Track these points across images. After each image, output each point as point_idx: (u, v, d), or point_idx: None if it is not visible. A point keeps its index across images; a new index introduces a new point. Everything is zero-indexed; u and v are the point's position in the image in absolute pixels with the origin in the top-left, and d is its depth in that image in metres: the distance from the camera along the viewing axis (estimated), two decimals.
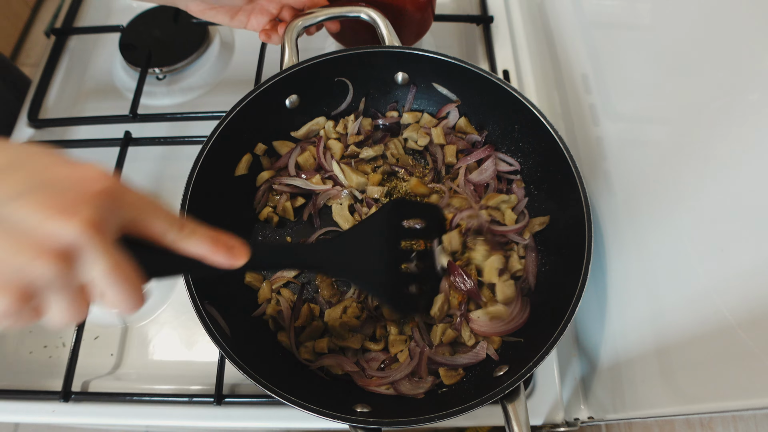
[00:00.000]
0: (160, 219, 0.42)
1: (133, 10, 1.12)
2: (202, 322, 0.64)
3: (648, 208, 0.64)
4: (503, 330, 0.74)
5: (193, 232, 0.44)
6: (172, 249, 0.43)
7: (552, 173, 0.78)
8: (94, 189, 0.37)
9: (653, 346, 0.62)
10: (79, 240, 0.35)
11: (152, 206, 0.42)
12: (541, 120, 0.76)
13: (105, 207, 0.37)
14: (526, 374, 0.61)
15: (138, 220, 0.41)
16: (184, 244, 0.43)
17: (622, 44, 0.71)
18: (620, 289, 0.71)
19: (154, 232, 0.42)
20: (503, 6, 1.13)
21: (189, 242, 0.43)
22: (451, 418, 0.60)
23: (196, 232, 0.44)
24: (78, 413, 0.76)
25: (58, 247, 0.34)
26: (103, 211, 0.37)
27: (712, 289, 0.51)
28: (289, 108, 0.85)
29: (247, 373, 0.61)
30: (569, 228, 0.74)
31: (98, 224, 0.36)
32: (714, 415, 0.59)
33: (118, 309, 0.40)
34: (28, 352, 0.84)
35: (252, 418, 0.76)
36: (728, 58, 0.49)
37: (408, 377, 0.72)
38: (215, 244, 0.45)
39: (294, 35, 0.81)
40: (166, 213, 0.42)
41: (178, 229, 0.43)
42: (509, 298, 0.74)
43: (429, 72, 0.86)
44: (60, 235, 0.34)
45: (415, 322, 0.75)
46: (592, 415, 0.78)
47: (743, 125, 0.47)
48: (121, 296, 0.39)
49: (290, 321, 0.75)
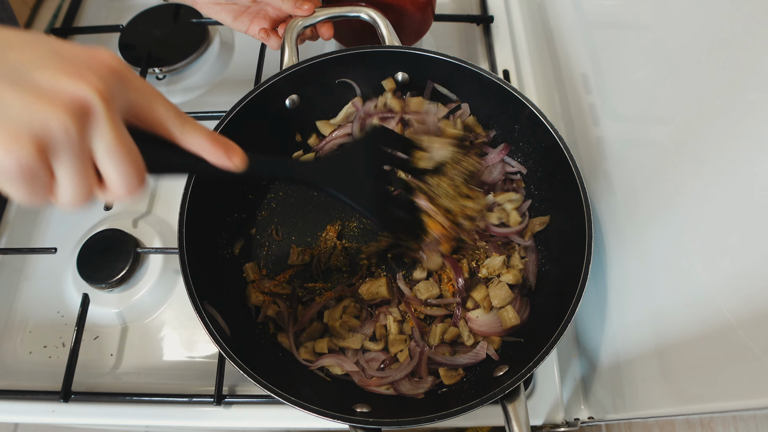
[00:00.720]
0: (163, 107, 0.43)
1: (133, 10, 1.12)
2: (202, 322, 0.64)
3: (648, 208, 0.64)
4: (502, 330, 0.74)
5: (193, 126, 0.45)
6: (172, 141, 0.44)
7: (552, 173, 0.78)
8: (105, 64, 0.39)
9: (653, 346, 0.62)
10: (90, 100, 0.37)
11: (156, 94, 0.43)
12: (542, 120, 0.76)
13: (114, 82, 0.39)
14: (526, 374, 0.61)
15: (143, 105, 0.42)
16: (185, 136, 0.45)
17: (622, 44, 0.71)
18: (620, 289, 0.71)
19: (157, 120, 0.43)
20: (503, 6, 1.13)
21: (190, 135, 0.45)
22: (451, 418, 0.60)
23: (197, 126, 0.45)
24: (78, 413, 0.76)
25: (71, 101, 0.36)
26: (112, 84, 0.39)
27: (712, 289, 0.51)
28: (289, 108, 0.85)
29: (247, 373, 0.61)
30: (570, 228, 0.74)
31: (108, 94, 0.38)
32: (714, 415, 0.59)
33: (118, 191, 0.41)
34: (28, 352, 0.84)
35: (252, 418, 0.76)
36: (728, 58, 0.49)
37: (408, 377, 0.72)
38: (214, 141, 0.46)
39: (294, 35, 0.81)
40: (168, 103, 0.44)
41: (179, 119, 0.44)
42: (504, 301, 0.75)
43: (429, 72, 0.86)
44: (74, 91, 0.36)
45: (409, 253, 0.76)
46: (592, 415, 0.78)
47: (743, 125, 0.47)
48: (122, 173, 0.40)
49: (289, 322, 0.75)
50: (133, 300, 0.84)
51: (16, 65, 0.36)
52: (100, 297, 0.84)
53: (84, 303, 0.82)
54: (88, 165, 0.39)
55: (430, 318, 0.78)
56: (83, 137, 0.37)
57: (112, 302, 0.84)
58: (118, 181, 0.40)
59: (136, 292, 0.84)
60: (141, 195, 0.42)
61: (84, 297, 0.82)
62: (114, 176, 0.40)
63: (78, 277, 0.83)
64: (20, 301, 0.87)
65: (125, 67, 0.41)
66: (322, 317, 0.76)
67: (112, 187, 0.41)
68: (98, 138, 0.38)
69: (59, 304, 0.86)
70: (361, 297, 0.77)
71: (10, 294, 0.88)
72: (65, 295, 0.86)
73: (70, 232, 0.90)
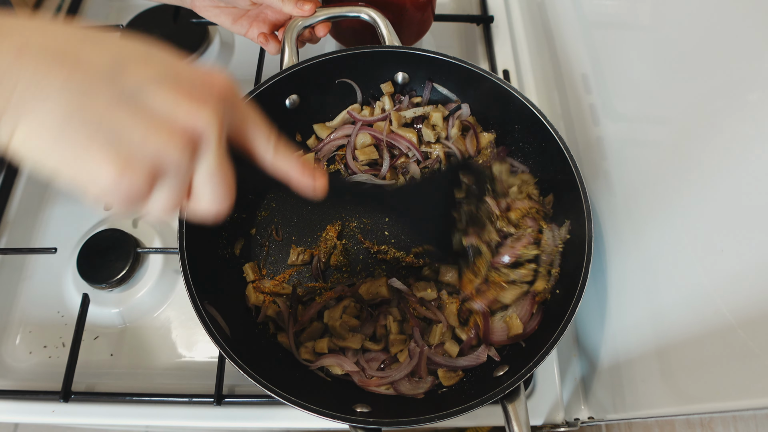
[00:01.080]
0: (261, 130, 0.44)
1: (133, 10, 1.12)
2: (202, 322, 0.64)
3: (648, 208, 0.64)
4: (506, 339, 0.73)
5: (285, 150, 0.46)
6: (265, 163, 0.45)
7: (553, 174, 0.78)
8: (219, 87, 0.39)
9: (653, 346, 0.62)
10: (206, 130, 0.37)
11: (257, 117, 0.44)
12: (542, 121, 0.76)
13: (226, 106, 0.39)
14: (526, 374, 0.61)
15: (243, 128, 0.43)
16: (278, 160, 0.45)
17: (622, 44, 0.71)
18: (620, 289, 0.71)
19: (254, 142, 0.44)
20: (503, 6, 1.13)
21: (281, 158, 0.45)
22: (451, 418, 0.60)
23: (286, 150, 0.46)
24: (78, 413, 0.76)
25: (189, 132, 0.36)
26: (225, 108, 0.39)
27: (712, 289, 0.51)
28: (289, 108, 0.85)
29: (248, 373, 0.61)
30: (570, 229, 0.74)
31: (222, 119, 0.38)
32: (714, 415, 0.59)
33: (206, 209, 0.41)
34: (28, 352, 0.84)
35: (252, 418, 0.76)
36: (727, 58, 0.49)
37: (408, 377, 0.71)
38: (302, 164, 0.47)
39: (294, 35, 0.81)
40: (267, 127, 0.44)
41: (275, 144, 0.45)
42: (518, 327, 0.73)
43: (429, 72, 0.86)
44: (192, 121, 0.36)
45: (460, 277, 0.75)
46: (593, 415, 0.78)
47: (742, 125, 0.47)
48: (216, 195, 0.40)
49: (289, 322, 0.75)
50: (133, 300, 0.84)
51: (132, 86, 0.35)
52: (100, 297, 0.84)
53: (84, 303, 0.82)
54: (186, 185, 0.39)
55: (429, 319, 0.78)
56: (191, 163, 0.38)
57: (112, 302, 0.84)
58: (209, 201, 0.41)
59: (136, 292, 0.84)
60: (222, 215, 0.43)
61: (84, 297, 0.82)
62: (207, 197, 0.40)
63: (78, 277, 0.83)
64: (20, 301, 0.87)
65: (235, 88, 0.41)
66: (322, 317, 0.76)
67: (201, 204, 0.41)
68: (204, 163, 0.38)
69: (59, 304, 0.86)
70: (361, 297, 0.77)
71: (10, 294, 0.88)
72: (65, 295, 0.86)
73: (70, 232, 0.90)
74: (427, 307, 0.76)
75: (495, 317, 0.74)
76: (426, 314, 0.76)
